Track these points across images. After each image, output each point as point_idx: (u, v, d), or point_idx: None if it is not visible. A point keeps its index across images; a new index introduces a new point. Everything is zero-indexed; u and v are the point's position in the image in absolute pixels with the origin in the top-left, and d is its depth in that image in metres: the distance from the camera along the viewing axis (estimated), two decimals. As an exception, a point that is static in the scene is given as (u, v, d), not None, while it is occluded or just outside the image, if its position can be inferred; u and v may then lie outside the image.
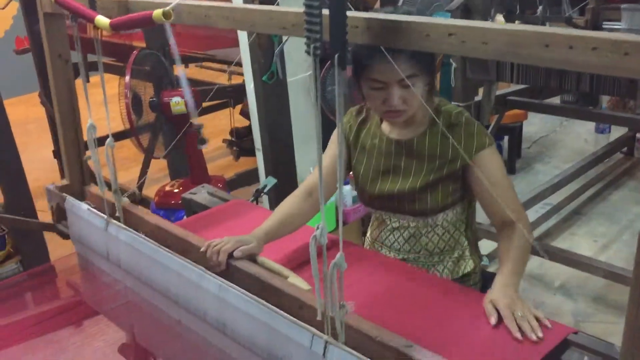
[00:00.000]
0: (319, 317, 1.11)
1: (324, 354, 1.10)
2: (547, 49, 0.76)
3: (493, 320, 1.28)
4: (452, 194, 1.55)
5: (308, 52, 0.90)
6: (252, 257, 1.45)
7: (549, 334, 1.27)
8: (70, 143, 1.81)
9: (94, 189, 1.88)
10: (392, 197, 1.58)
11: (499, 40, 0.81)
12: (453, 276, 1.64)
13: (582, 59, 0.74)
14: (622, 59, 0.70)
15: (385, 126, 1.62)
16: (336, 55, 0.86)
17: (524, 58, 0.80)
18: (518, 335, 1.23)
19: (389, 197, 1.59)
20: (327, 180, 1.62)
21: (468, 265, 1.65)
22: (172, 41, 2.66)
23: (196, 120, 3.14)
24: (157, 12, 1.13)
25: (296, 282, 1.35)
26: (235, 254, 1.43)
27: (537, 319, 1.27)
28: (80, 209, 1.79)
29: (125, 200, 1.69)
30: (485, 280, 1.71)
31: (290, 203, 1.63)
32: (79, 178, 1.88)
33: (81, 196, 1.88)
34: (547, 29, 0.76)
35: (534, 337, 1.22)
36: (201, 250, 1.46)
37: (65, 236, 2.00)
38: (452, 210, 1.59)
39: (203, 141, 3.13)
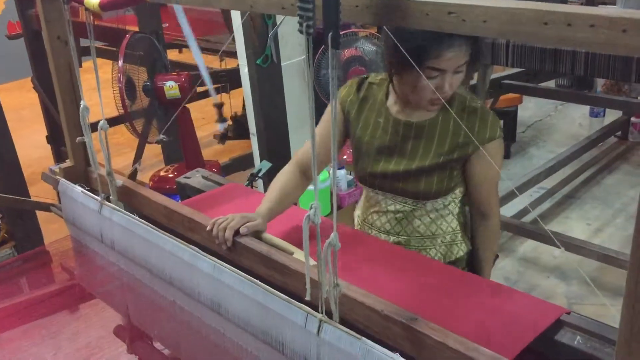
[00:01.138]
0: (307, 297, 1.12)
1: (317, 333, 1.11)
2: (546, 26, 0.76)
3: None
4: (455, 178, 1.56)
5: (301, 31, 0.89)
6: (257, 234, 1.45)
7: (542, 314, 1.28)
8: (72, 125, 1.81)
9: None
10: (396, 177, 1.57)
11: (499, 19, 0.81)
12: (445, 260, 1.64)
13: (581, 36, 0.73)
14: (619, 36, 0.70)
15: (391, 104, 1.58)
16: (329, 34, 0.85)
17: (524, 36, 0.80)
18: None
19: (392, 176, 1.57)
20: (319, 153, 1.59)
21: (460, 250, 1.65)
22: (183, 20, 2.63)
23: (216, 99, 3.12)
24: (149, -9, 1.13)
25: (301, 257, 1.36)
26: (242, 230, 1.42)
27: None
28: (73, 192, 1.79)
29: (128, 180, 1.70)
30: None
31: (285, 178, 1.63)
32: (82, 159, 1.87)
33: (85, 178, 1.87)
34: (545, 5, 0.76)
35: None
36: (207, 229, 1.46)
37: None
38: (450, 195, 1.59)
39: (224, 120, 3.11)
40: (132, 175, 2.86)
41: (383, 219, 1.64)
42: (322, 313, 1.10)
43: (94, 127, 1.63)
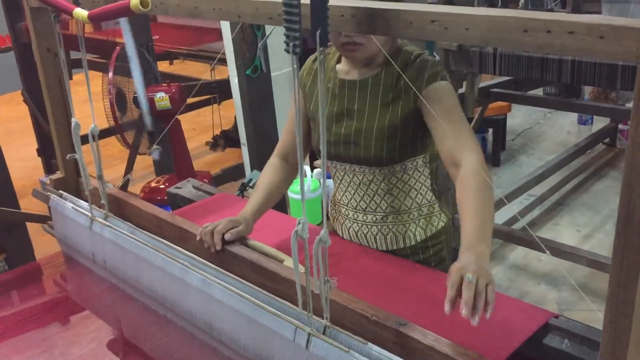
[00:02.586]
0: (299, 300, 1.13)
1: (306, 346, 1.12)
2: (526, 33, 0.78)
3: (450, 292, 1.10)
4: (410, 143, 1.50)
5: (287, 51, 0.91)
6: (243, 240, 1.49)
7: (530, 318, 1.29)
8: (62, 136, 1.82)
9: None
10: (347, 141, 1.52)
11: (481, 26, 0.83)
12: (427, 234, 1.60)
13: (560, 42, 0.75)
14: (597, 42, 0.72)
15: (340, 67, 1.56)
16: (317, 32, 0.87)
17: (505, 43, 0.82)
18: (447, 308, 1.09)
19: (345, 141, 1.53)
20: (294, 145, 1.62)
21: (441, 220, 1.61)
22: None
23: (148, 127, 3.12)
24: (135, 2, 1.13)
25: (292, 265, 1.37)
26: (226, 237, 1.47)
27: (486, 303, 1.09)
28: (64, 208, 1.79)
29: (119, 191, 1.71)
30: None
31: (270, 174, 1.65)
32: (73, 170, 1.88)
33: (75, 189, 1.89)
34: (526, 13, 0.77)
35: (464, 312, 1.06)
36: (197, 239, 1.50)
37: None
38: (410, 162, 1.53)
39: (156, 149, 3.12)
40: (124, 186, 2.86)
41: (348, 194, 1.61)
42: (310, 312, 1.10)
43: (84, 139, 1.64)
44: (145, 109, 2.99)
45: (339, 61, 1.58)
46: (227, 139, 4.03)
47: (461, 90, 2.92)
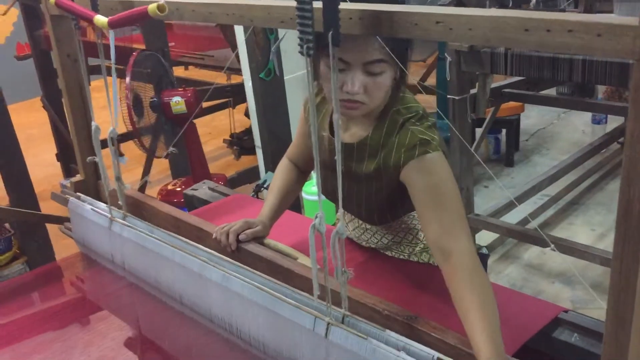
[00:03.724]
0: (315, 291, 1.16)
1: (326, 335, 1.15)
2: (527, 32, 0.81)
3: None
4: (402, 204, 1.42)
5: (302, 53, 0.95)
6: (259, 240, 1.52)
7: (540, 312, 1.31)
8: (82, 140, 1.87)
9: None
10: (336, 198, 1.41)
11: (484, 27, 0.86)
12: (431, 262, 1.55)
13: (560, 40, 0.78)
14: (595, 40, 0.75)
15: (334, 120, 1.39)
16: (330, 33, 0.90)
17: (508, 42, 0.85)
18: None
19: (334, 193, 1.38)
20: (305, 158, 1.63)
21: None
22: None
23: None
24: (152, 7, 1.18)
25: (306, 262, 1.40)
26: (241, 237, 1.50)
27: None
28: (83, 209, 1.84)
29: (137, 193, 1.75)
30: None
31: (282, 177, 1.65)
32: (92, 173, 1.93)
33: (95, 192, 1.94)
34: (526, 13, 0.80)
35: None
36: (213, 237, 1.52)
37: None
38: (407, 216, 1.49)
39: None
40: (142, 189, 2.91)
41: (349, 228, 1.61)
42: (329, 302, 1.14)
43: (103, 144, 1.68)
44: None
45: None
46: (241, 147, 4.09)
47: (473, 91, 2.93)
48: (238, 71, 3.29)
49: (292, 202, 1.68)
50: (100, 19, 1.36)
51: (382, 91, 1.27)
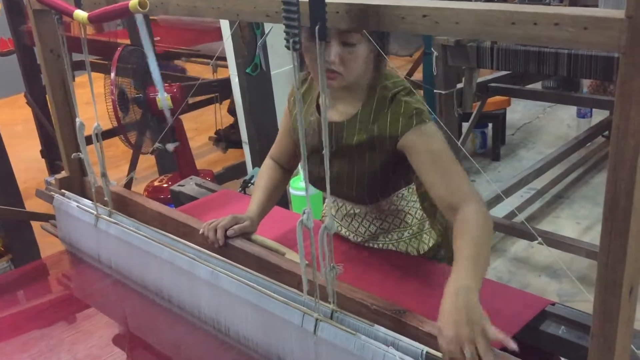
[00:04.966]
0: (305, 287, 1.15)
1: (314, 331, 1.15)
2: (513, 26, 0.81)
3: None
4: (394, 180, 1.46)
5: (288, 47, 0.95)
6: (246, 236, 1.51)
7: (527, 306, 1.32)
8: (67, 136, 1.85)
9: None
10: (331, 180, 1.44)
11: (470, 20, 0.85)
12: (419, 252, 1.57)
13: (546, 34, 0.78)
14: (581, 33, 0.75)
15: (321, 102, 1.47)
16: (317, 27, 0.90)
17: (494, 36, 0.85)
18: None
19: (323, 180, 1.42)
20: (289, 156, 1.64)
21: (432, 238, 1.58)
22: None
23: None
24: (133, 2, 1.16)
25: (293, 258, 1.40)
26: (229, 232, 1.49)
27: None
28: (69, 206, 1.82)
29: (122, 189, 1.74)
30: None
31: (267, 178, 1.66)
32: (78, 170, 1.91)
33: (81, 188, 1.91)
34: (512, 6, 0.80)
35: None
36: (200, 232, 1.52)
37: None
38: (396, 195, 1.51)
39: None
40: (127, 185, 2.90)
41: (337, 218, 1.62)
42: (317, 297, 1.13)
43: (88, 140, 1.67)
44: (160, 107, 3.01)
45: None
46: (227, 141, 4.08)
47: (459, 86, 2.94)
48: (226, 64, 3.27)
49: (278, 200, 1.69)
50: (80, 14, 1.34)
51: (358, 63, 1.32)
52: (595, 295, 0.84)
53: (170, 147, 3.18)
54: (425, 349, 1.03)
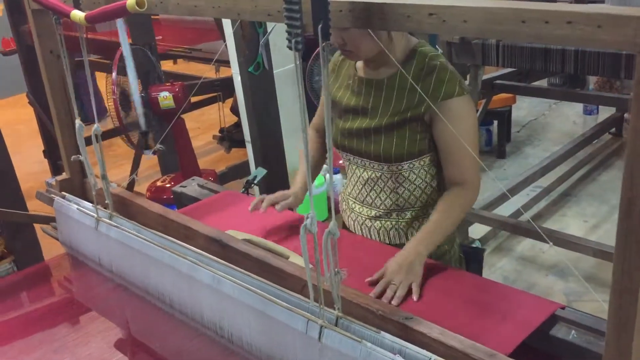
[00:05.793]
0: (311, 293, 1.13)
1: (319, 338, 1.12)
2: (524, 24, 0.78)
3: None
4: (419, 142, 1.52)
5: (290, 47, 0.92)
6: (291, 210, 1.67)
7: (537, 310, 1.29)
8: (67, 137, 1.83)
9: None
10: (359, 135, 1.57)
11: (478, 18, 0.82)
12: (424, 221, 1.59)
13: (558, 33, 0.75)
14: (595, 31, 0.72)
15: (360, 64, 1.61)
16: (319, 27, 0.87)
17: (503, 34, 0.82)
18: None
19: (356, 135, 1.58)
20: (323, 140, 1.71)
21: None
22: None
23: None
24: (131, 2, 1.13)
25: (297, 261, 1.37)
26: (277, 207, 1.63)
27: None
28: (69, 209, 1.80)
29: (124, 191, 1.71)
30: (467, 255, 1.73)
31: (310, 147, 1.71)
32: (78, 171, 1.88)
33: (81, 190, 1.89)
34: (523, 4, 0.77)
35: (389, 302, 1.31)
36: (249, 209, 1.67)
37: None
38: (418, 161, 1.55)
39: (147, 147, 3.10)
40: (130, 186, 2.87)
41: (357, 188, 1.66)
42: (321, 304, 1.11)
43: (89, 140, 1.64)
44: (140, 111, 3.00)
45: None
46: (231, 140, 4.06)
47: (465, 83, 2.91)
48: (228, 63, 3.25)
49: (321, 169, 1.86)
50: (78, 14, 1.32)
51: (361, 41, 1.42)
52: (610, 302, 0.81)
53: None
54: (433, 356, 1.00)
